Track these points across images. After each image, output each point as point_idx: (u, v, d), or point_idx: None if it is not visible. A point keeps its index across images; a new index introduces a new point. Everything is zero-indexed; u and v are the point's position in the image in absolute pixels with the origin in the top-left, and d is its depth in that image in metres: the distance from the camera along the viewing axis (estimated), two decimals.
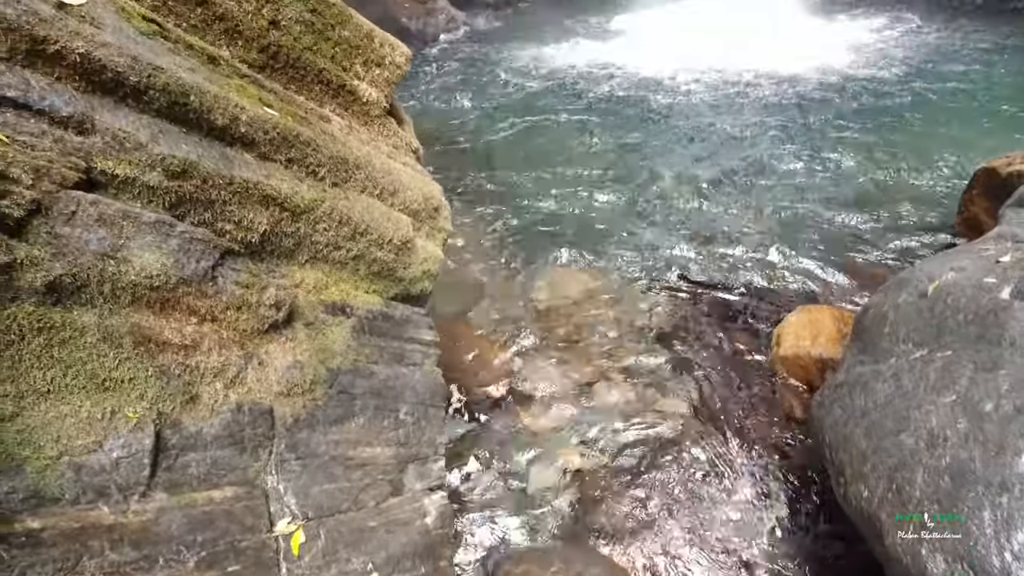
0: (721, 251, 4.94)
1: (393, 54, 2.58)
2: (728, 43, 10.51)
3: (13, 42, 1.46)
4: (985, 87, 8.52)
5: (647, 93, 8.57)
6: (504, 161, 6.58)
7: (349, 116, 2.50)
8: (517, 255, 4.95)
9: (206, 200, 1.84)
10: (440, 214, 2.70)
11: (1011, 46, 10.54)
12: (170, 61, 1.78)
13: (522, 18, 13.46)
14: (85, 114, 1.58)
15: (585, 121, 7.64)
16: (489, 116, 7.85)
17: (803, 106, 7.93)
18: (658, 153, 6.72)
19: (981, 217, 4.70)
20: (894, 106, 7.88)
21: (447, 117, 7.83)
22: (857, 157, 6.43)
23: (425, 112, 7.90)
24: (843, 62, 9.64)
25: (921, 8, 14.11)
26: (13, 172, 1.42)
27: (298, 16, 2.25)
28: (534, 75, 9.46)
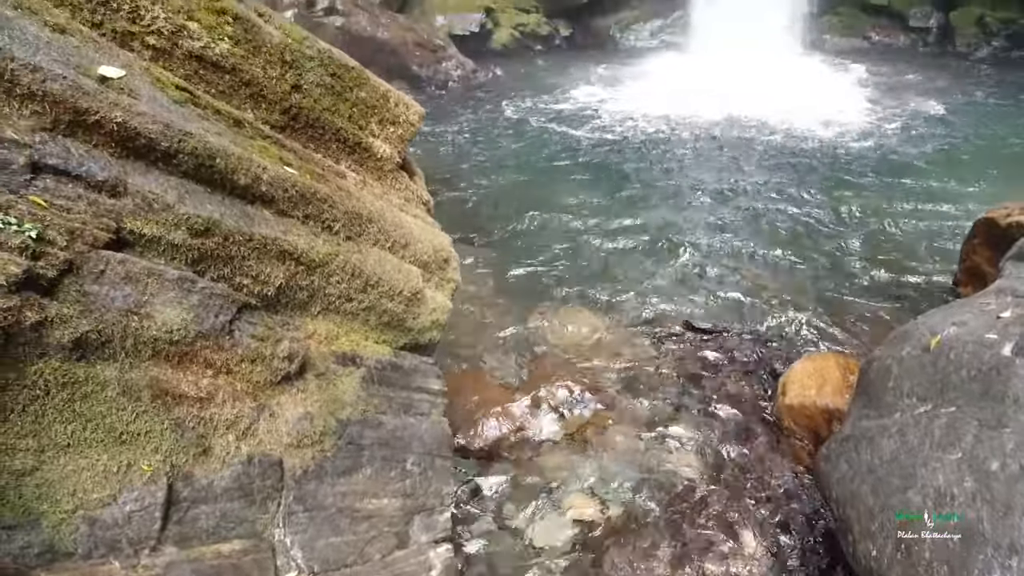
0: (724, 297, 4.99)
1: (407, 113, 2.70)
2: (729, 91, 10.80)
3: (57, 114, 1.56)
4: (984, 135, 8.70)
5: (650, 140, 8.78)
6: (510, 206, 6.71)
7: (364, 171, 2.60)
8: (522, 298, 5.01)
9: (226, 256, 1.92)
10: (449, 265, 2.77)
11: (1010, 95, 10.79)
12: (199, 126, 1.88)
13: (530, 67, 13.91)
14: (118, 178, 1.67)
15: (589, 168, 7.82)
16: (495, 162, 8.04)
17: (803, 154, 8.10)
18: (662, 200, 6.85)
19: (983, 267, 4.74)
20: (893, 154, 8.04)
21: (454, 161, 8.03)
22: (858, 204, 6.53)
23: (433, 156, 8.10)
24: (841, 109, 9.88)
25: (917, 57, 14.53)
26: (50, 235, 1.50)
27: (319, 80, 2.37)
28: (540, 123, 9.73)
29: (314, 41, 2.37)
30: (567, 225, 6.24)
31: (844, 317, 4.74)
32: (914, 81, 11.96)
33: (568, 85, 12.13)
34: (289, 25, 2.35)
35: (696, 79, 11.90)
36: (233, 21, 2.09)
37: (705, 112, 9.80)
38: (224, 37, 2.06)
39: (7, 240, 1.41)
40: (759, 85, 11.14)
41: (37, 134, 1.54)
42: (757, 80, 11.52)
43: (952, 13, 15.14)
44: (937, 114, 9.78)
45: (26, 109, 1.52)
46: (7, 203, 1.44)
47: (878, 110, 9.97)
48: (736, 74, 12.03)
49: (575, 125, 9.54)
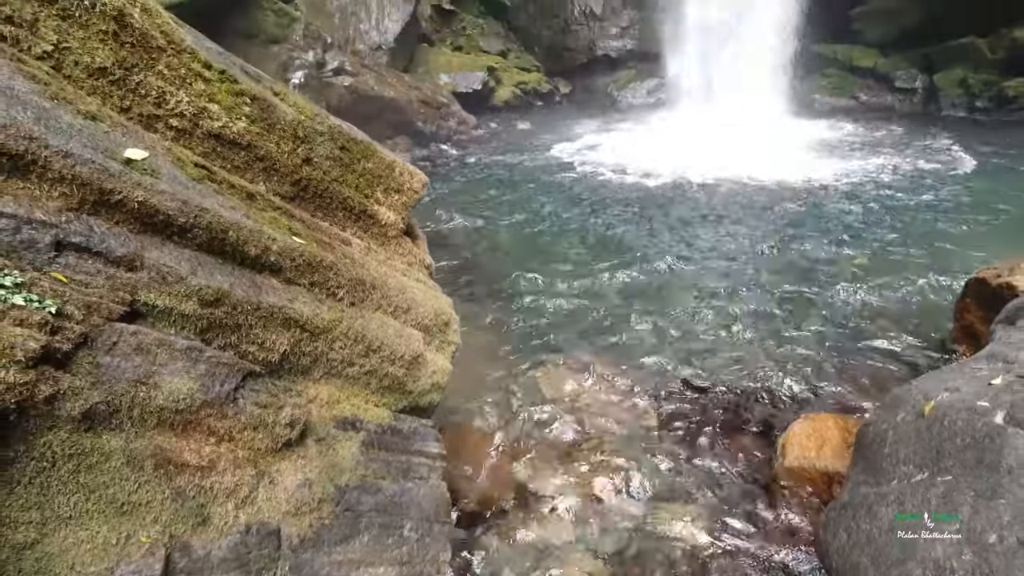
0: (720, 354, 5.02)
1: (411, 181, 2.83)
2: (722, 148, 11.16)
3: (84, 195, 1.66)
4: (972, 193, 8.92)
5: (646, 196, 9.01)
6: (508, 259, 6.83)
7: (368, 238, 2.70)
8: (520, 353, 5.04)
9: (234, 325, 1.98)
10: (450, 328, 2.83)
11: (996, 154, 11.12)
12: (214, 201, 1.98)
13: (530, 123, 14.39)
14: (136, 253, 1.76)
15: (586, 222, 8.00)
16: (494, 215, 8.23)
17: (795, 211, 8.30)
18: (657, 256, 6.98)
19: (976, 326, 4.80)
20: (883, 210, 8.24)
21: (453, 214, 8.21)
22: (851, 260, 6.65)
23: (433, 210, 8.29)
24: (831, 167, 10.17)
25: (904, 116, 15.05)
26: (68, 309, 1.57)
27: (329, 153, 2.50)
28: (537, 177, 10.00)
29: (325, 117, 2.51)
30: (564, 279, 6.34)
31: (841, 374, 4.77)
32: (902, 141, 12.35)
33: (566, 141, 12.52)
34: (303, 102, 2.50)
35: (690, 137, 12.31)
36: (251, 101, 2.22)
37: (699, 169, 10.09)
38: (242, 116, 2.19)
39: (29, 317, 1.47)
40: (751, 143, 11.52)
41: (64, 214, 1.63)
42: (749, 138, 11.91)
43: (936, 75, 15.76)
44: (925, 172, 10.05)
45: (55, 191, 1.62)
46: (31, 280, 1.51)
47: (867, 167, 10.26)
48: (729, 132, 12.46)
49: (571, 179, 9.80)
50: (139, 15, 1.91)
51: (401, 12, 14.22)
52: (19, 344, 1.43)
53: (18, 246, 1.53)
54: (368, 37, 13.86)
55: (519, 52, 17.30)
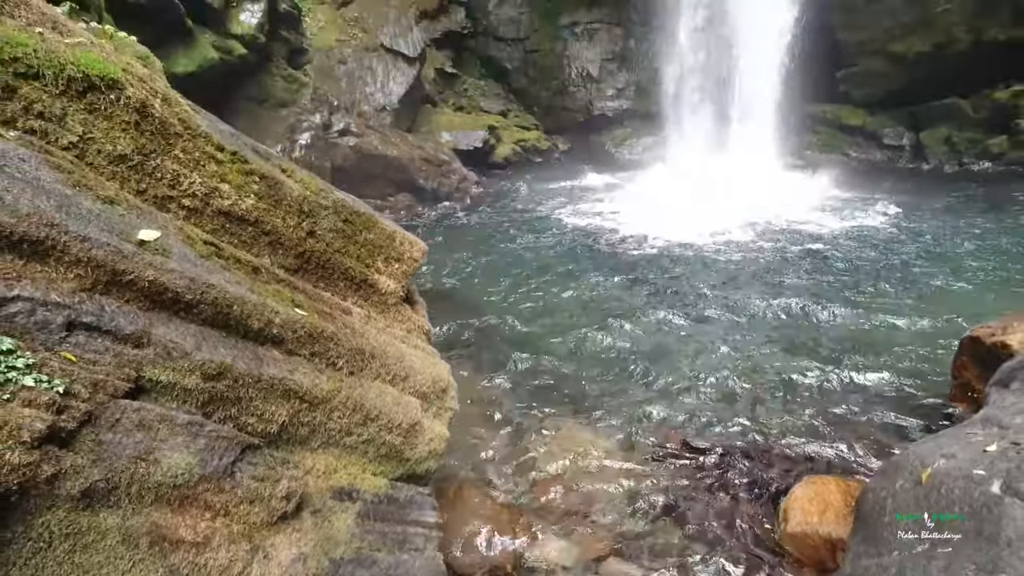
0: (719, 414, 5.00)
1: (411, 250, 2.92)
2: (716, 202, 11.42)
3: (97, 276, 1.74)
4: (965, 248, 9.07)
5: (642, 253, 9.16)
6: (507, 315, 6.89)
7: (369, 306, 2.77)
8: (519, 412, 5.03)
9: (235, 397, 2.02)
10: (447, 394, 2.86)
11: (983, 209, 11.36)
12: (220, 277, 2.07)
13: (529, 179, 14.77)
14: (144, 330, 1.82)
15: (584, 279, 8.10)
16: (493, 271, 8.35)
17: (790, 266, 8.42)
18: (655, 310, 7.04)
19: (974, 384, 4.80)
20: (878, 267, 8.35)
21: (454, 270, 8.33)
22: (851, 317, 6.70)
23: (434, 265, 8.42)
24: (823, 224, 10.38)
25: (894, 172, 15.45)
26: (75, 388, 1.62)
27: (332, 225, 2.61)
28: (536, 232, 10.19)
29: (330, 191, 2.63)
30: (562, 336, 6.38)
31: (842, 434, 4.73)
32: (893, 196, 12.63)
33: (564, 197, 12.83)
34: (308, 178, 2.62)
35: (685, 194, 12.61)
36: (260, 180, 2.34)
37: (694, 226, 10.29)
38: (250, 194, 2.30)
39: (37, 397, 1.52)
40: (745, 199, 11.79)
41: (77, 295, 1.70)
42: (743, 194, 12.20)
43: (922, 133, 16.28)
44: (916, 227, 10.24)
45: (71, 273, 1.70)
46: (42, 361, 1.57)
47: (859, 223, 10.46)
48: (723, 187, 12.77)
49: (569, 236, 9.99)
50: (160, 105, 2.05)
51: (405, 76, 14.86)
52: (26, 425, 1.48)
53: (32, 327, 1.60)
54: (373, 99, 14.43)
55: (519, 111, 17.95)
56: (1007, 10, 14.13)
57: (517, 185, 14.04)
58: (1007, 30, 14.32)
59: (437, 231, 10.34)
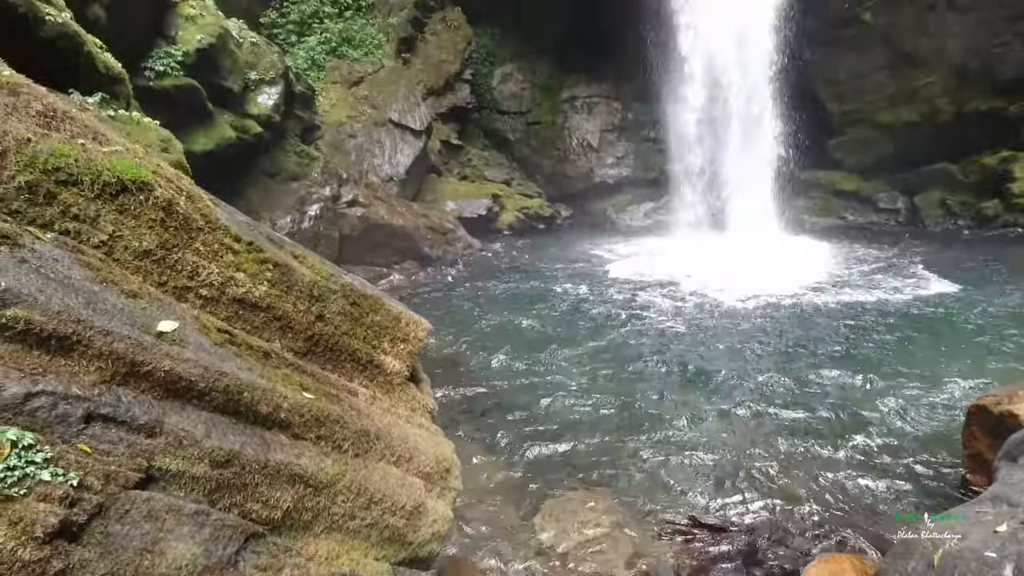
0: (729, 487, 4.91)
1: (416, 330, 3.01)
2: (717, 268, 11.59)
3: (117, 368, 1.83)
4: (968, 312, 9.10)
5: (647, 317, 9.23)
6: (509, 381, 6.89)
7: (374, 386, 2.83)
8: (521, 482, 4.95)
9: (241, 484, 2.05)
10: (451, 474, 2.86)
11: (981, 274, 11.47)
12: (233, 364, 2.15)
13: (533, 246, 15.08)
14: (157, 419, 1.88)
15: (586, 342, 8.14)
16: (496, 338, 8.40)
17: (794, 333, 8.45)
18: (660, 380, 7.03)
19: (985, 455, 4.72)
20: (882, 332, 8.37)
21: (457, 338, 8.39)
22: (858, 386, 6.67)
23: (438, 333, 8.49)
24: (825, 288, 10.48)
25: (890, 235, 15.70)
26: (88, 480, 1.67)
27: (340, 309, 2.71)
28: (540, 300, 10.32)
29: (339, 276, 2.75)
30: (567, 402, 6.35)
31: (856, 509, 4.62)
32: (890, 260, 12.79)
33: (567, 263, 13.05)
34: (319, 263, 2.75)
35: (686, 257, 12.83)
36: (273, 268, 2.46)
37: (697, 289, 10.42)
38: (264, 281, 2.42)
39: (52, 491, 1.57)
40: (746, 263, 11.97)
41: (97, 387, 1.78)
42: (744, 258, 12.40)
43: (916, 197, 16.67)
44: (917, 291, 10.32)
45: (93, 366, 1.78)
46: (59, 454, 1.63)
47: (860, 288, 10.56)
48: (723, 251, 13.00)
49: (572, 300, 10.11)
50: (184, 202, 2.20)
51: (412, 148, 15.50)
52: (40, 520, 1.52)
53: (53, 420, 1.66)
54: (381, 170, 15.00)
55: (522, 180, 18.54)
56: (985, 83, 14.81)
57: (520, 251, 14.32)
58: (988, 101, 14.95)
59: (441, 297, 10.49)
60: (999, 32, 14.27)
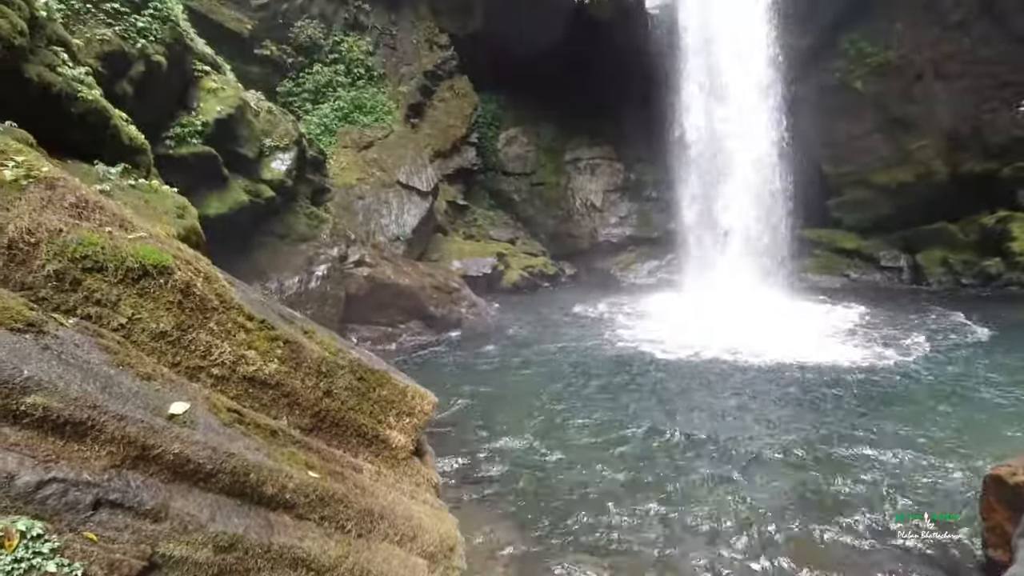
0: (743, 562, 4.75)
1: (422, 403, 3.03)
2: (723, 327, 11.58)
3: (127, 452, 1.85)
4: (976, 373, 9.00)
5: (651, 379, 9.17)
6: (514, 446, 6.79)
7: (379, 462, 2.82)
8: (526, 555, 4.80)
9: (243, 570, 2.03)
10: (455, 553, 2.81)
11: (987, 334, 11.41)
12: (240, 444, 2.17)
13: (538, 304, 15.17)
14: (163, 503, 1.89)
15: (592, 404, 8.06)
16: (501, 399, 8.34)
17: (803, 397, 8.35)
18: (665, 445, 6.92)
19: (1005, 527, 4.58)
20: (894, 398, 8.27)
21: (462, 400, 8.33)
22: (870, 453, 6.53)
23: (442, 396, 8.44)
24: (830, 349, 10.42)
25: (894, 294, 15.73)
26: (92, 570, 1.67)
27: (347, 384, 2.74)
28: (545, 359, 10.30)
29: (347, 351, 2.80)
30: (573, 468, 6.23)
31: None
32: (893, 319, 12.76)
33: (572, 322, 13.09)
34: (328, 338, 2.81)
35: (691, 315, 12.85)
36: (283, 345, 2.52)
37: (703, 348, 10.38)
38: (274, 359, 2.47)
39: None
40: (752, 321, 11.97)
41: (107, 472, 1.80)
42: (750, 316, 12.41)
43: (918, 255, 16.79)
44: (926, 354, 10.25)
45: (104, 450, 1.81)
46: (66, 544, 1.64)
47: (867, 347, 10.50)
48: (728, 311, 13.02)
49: (577, 360, 10.07)
50: (201, 283, 2.29)
51: (419, 208, 15.89)
52: None
53: (62, 508, 1.68)
54: (388, 230, 15.34)
55: (526, 239, 18.85)
56: (977, 147, 15.22)
57: (525, 310, 14.39)
58: (981, 163, 15.32)
59: (445, 359, 10.48)
60: (987, 99, 14.79)
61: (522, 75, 18.68)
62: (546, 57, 17.50)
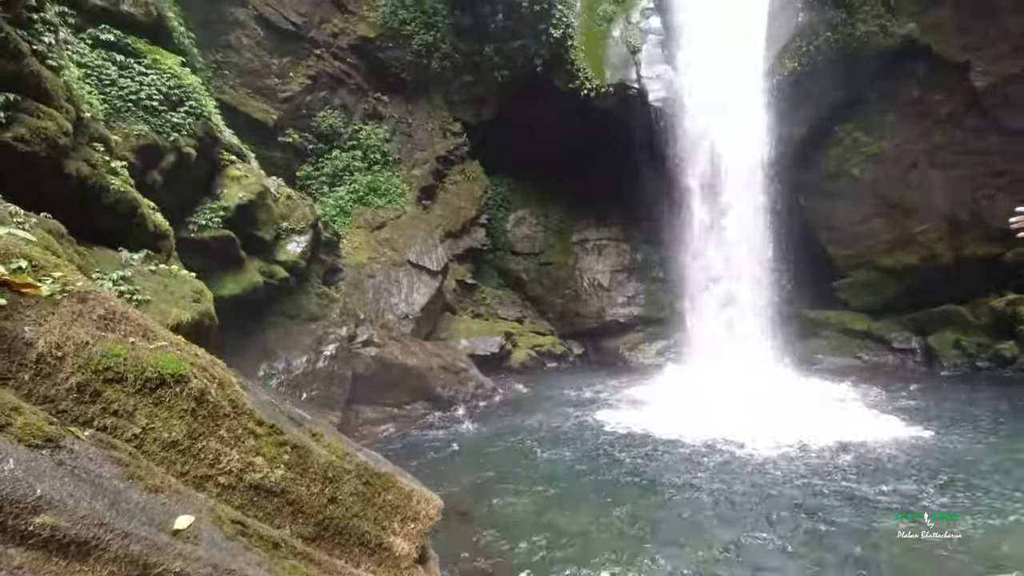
0: None
1: (427, 508, 2.97)
2: (736, 411, 11.35)
3: (129, 571, 1.83)
4: (1013, 473, 8.67)
5: (663, 462, 8.91)
6: (521, 538, 6.52)
7: (382, 571, 2.74)
8: None
9: None
10: None
11: (1008, 420, 11.09)
12: (242, 560, 2.13)
13: (546, 384, 15.02)
14: None
15: (601, 492, 7.79)
16: (509, 483, 8.09)
17: (817, 486, 8.05)
18: (680, 537, 6.62)
19: None
20: (913, 491, 7.95)
21: (468, 488, 8.10)
22: (889, 551, 6.21)
23: (447, 484, 8.21)
24: (842, 435, 10.13)
25: (907, 376, 15.45)
26: None
27: (353, 490, 2.71)
28: (553, 440, 10.08)
29: (354, 455, 2.80)
30: (586, 562, 5.94)
31: None
32: (907, 403, 12.48)
33: (580, 403, 12.90)
34: (336, 442, 2.81)
35: (702, 397, 12.64)
36: (291, 450, 2.53)
37: (716, 434, 10.13)
38: (281, 465, 2.47)
39: None
40: (766, 404, 11.74)
41: None
42: (763, 399, 12.18)
43: (930, 337, 16.61)
44: (944, 444, 9.93)
45: (106, 571, 1.79)
46: None
47: (881, 437, 10.18)
48: (739, 393, 12.80)
49: (586, 444, 9.83)
50: (215, 391, 2.33)
51: (428, 287, 16.14)
52: None
53: None
54: (397, 309, 15.51)
55: (534, 318, 18.96)
56: (977, 231, 15.45)
57: (532, 391, 14.24)
58: (984, 247, 15.48)
59: (451, 442, 10.28)
60: (982, 186, 15.18)
61: (531, 159, 19.54)
62: (554, 142, 18.39)
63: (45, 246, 4.60)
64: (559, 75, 17.30)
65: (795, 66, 15.53)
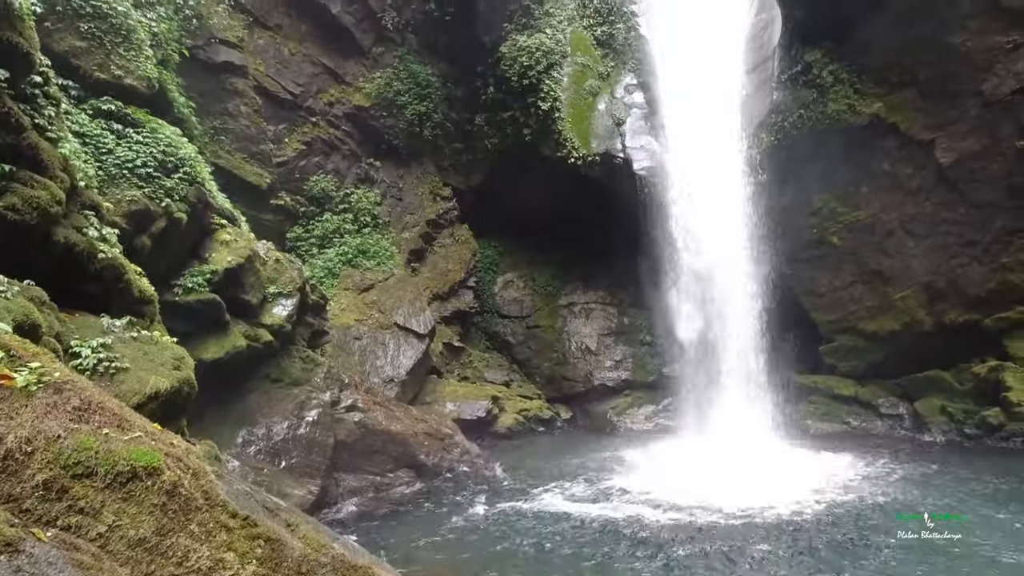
0: None
1: None
2: (724, 478, 11.12)
3: None
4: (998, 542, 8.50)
5: (652, 537, 8.62)
6: None
7: None
8: None
9: None
10: None
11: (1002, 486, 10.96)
12: None
13: (533, 450, 14.69)
14: None
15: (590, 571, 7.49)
16: (493, 560, 7.76)
17: (805, 555, 7.81)
18: None
19: None
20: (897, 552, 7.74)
21: (444, 566, 7.75)
22: None
23: (435, 550, 7.86)
24: (837, 502, 9.93)
25: (896, 443, 15.32)
26: None
27: None
28: (538, 515, 9.75)
29: (330, 546, 2.69)
30: None
31: None
32: (896, 472, 12.31)
33: (568, 471, 12.58)
34: (312, 532, 2.71)
35: (690, 470, 12.39)
36: (264, 544, 2.43)
37: (701, 499, 9.89)
38: (253, 560, 2.36)
39: None
40: (758, 474, 11.53)
41: None
42: (754, 468, 11.97)
43: (917, 403, 16.61)
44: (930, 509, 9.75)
45: None
46: None
47: (873, 507, 9.98)
48: (727, 460, 12.61)
49: (572, 526, 9.50)
50: (188, 481, 2.26)
51: (415, 350, 16.02)
52: None
53: None
54: (383, 372, 15.33)
55: (522, 381, 18.77)
56: (955, 297, 15.80)
57: (519, 458, 13.90)
58: (963, 314, 15.79)
59: (431, 517, 9.92)
60: (956, 255, 15.66)
61: (520, 223, 19.94)
62: (543, 207, 18.82)
63: (26, 314, 4.55)
64: (547, 144, 17.95)
65: (772, 140, 16.27)
